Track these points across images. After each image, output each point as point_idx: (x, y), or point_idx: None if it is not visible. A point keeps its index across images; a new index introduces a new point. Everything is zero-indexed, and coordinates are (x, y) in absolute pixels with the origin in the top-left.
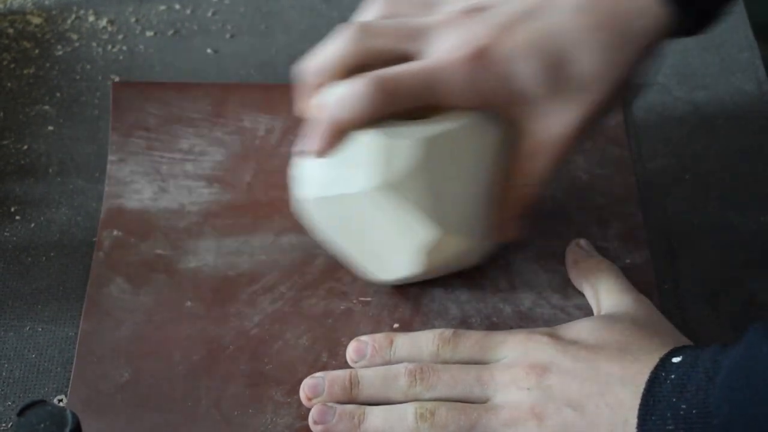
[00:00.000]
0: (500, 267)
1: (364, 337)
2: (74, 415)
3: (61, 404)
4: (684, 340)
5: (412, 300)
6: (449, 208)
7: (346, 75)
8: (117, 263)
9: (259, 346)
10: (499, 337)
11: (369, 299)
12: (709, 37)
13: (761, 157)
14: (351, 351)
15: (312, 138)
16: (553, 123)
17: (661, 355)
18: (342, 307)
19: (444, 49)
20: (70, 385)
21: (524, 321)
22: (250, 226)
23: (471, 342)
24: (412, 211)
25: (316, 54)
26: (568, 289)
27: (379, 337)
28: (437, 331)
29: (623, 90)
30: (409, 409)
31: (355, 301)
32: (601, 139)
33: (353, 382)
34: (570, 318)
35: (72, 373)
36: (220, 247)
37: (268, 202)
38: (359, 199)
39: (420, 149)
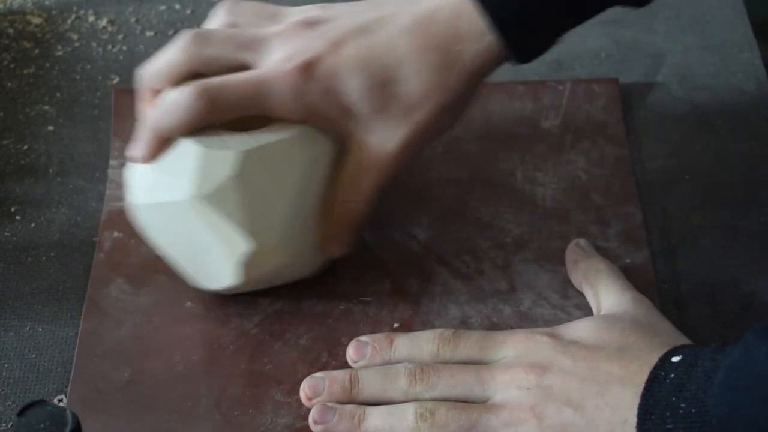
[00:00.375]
0: (500, 267)
1: (364, 337)
2: (74, 415)
3: (61, 404)
4: (683, 340)
5: (412, 300)
6: (269, 221)
7: (181, 82)
8: (117, 264)
9: (259, 346)
10: (499, 337)
11: (369, 299)
12: (709, 37)
13: (761, 157)
14: (351, 351)
15: (137, 143)
16: (378, 141)
17: (661, 355)
18: (342, 307)
19: (274, 60)
20: (70, 385)
21: (524, 321)
22: None
23: (471, 342)
24: (229, 222)
25: (154, 59)
26: (567, 289)
27: (379, 337)
28: (437, 331)
29: (455, 113)
30: (409, 409)
31: (354, 301)
32: (600, 138)
33: (353, 382)
34: (570, 318)
35: (72, 373)
36: None
37: None
38: (179, 207)
39: (236, 161)
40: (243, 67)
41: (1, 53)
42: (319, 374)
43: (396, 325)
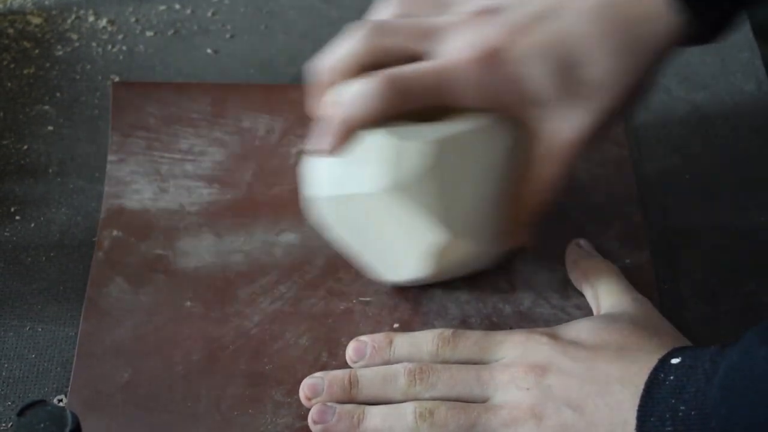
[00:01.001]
0: (500, 267)
1: (363, 337)
2: (74, 415)
3: (61, 404)
4: (683, 341)
5: (412, 300)
6: (459, 211)
7: (359, 74)
8: (117, 263)
9: (258, 346)
10: (498, 336)
11: (369, 299)
12: None
13: (761, 157)
14: (350, 351)
15: (323, 136)
16: (565, 127)
17: (660, 356)
18: (342, 307)
19: (455, 49)
20: (70, 385)
21: (524, 321)
22: (249, 226)
23: (470, 342)
24: (421, 213)
25: (329, 52)
26: (567, 289)
27: (379, 337)
28: (437, 331)
29: (634, 96)
30: (408, 409)
31: (354, 301)
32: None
33: (353, 382)
34: (570, 318)
35: (72, 373)
36: (220, 247)
37: (267, 202)
38: (368, 199)
39: (430, 151)
40: (418, 57)
41: (1, 53)
42: (318, 374)
43: (396, 325)
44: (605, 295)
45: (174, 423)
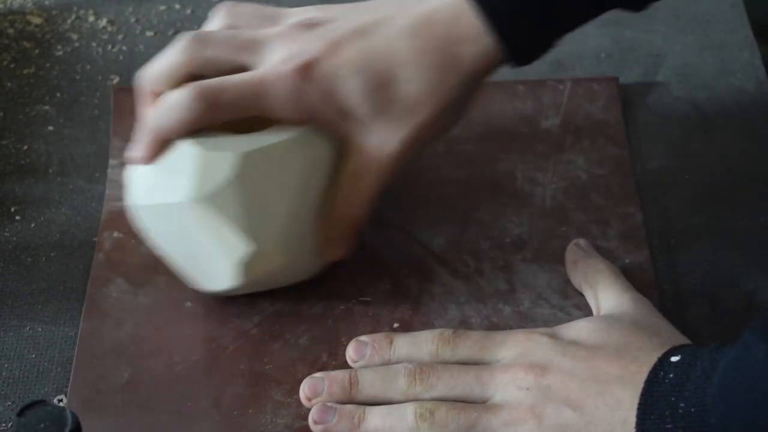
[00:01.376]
0: (500, 267)
1: (363, 337)
2: (74, 415)
3: (61, 404)
4: (683, 340)
5: (412, 300)
6: (268, 223)
7: (181, 84)
8: (117, 264)
9: (258, 346)
10: (498, 337)
11: (368, 299)
12: (709, 37)
13: (761, 157)
14: (351, 351)
15: (137, 144)
16: (378, 142)
17: (660, 355)
18: (342, 307)
19: (273, 61)
20: (69, 386)
21: (524, 321)
22: None
23: (470, 342)
24: (228, 224)
25: (154, 62)
26: (567, 289)
27: (379, 337)
28: (437, 331)
29: (454, 115)
30: (408, 409)
31: (354, 301)
32: (600, 138)
33: (353, 382)
34: (570, 318)
35: (72, 373)
36: None
37: None
38: (179, 209)
39: (236, 163)
40: (242, 68)
41: (1, 53)
42: (318, 374)
43: (396, 325)
44: (605, 295)
45: (174, 423)
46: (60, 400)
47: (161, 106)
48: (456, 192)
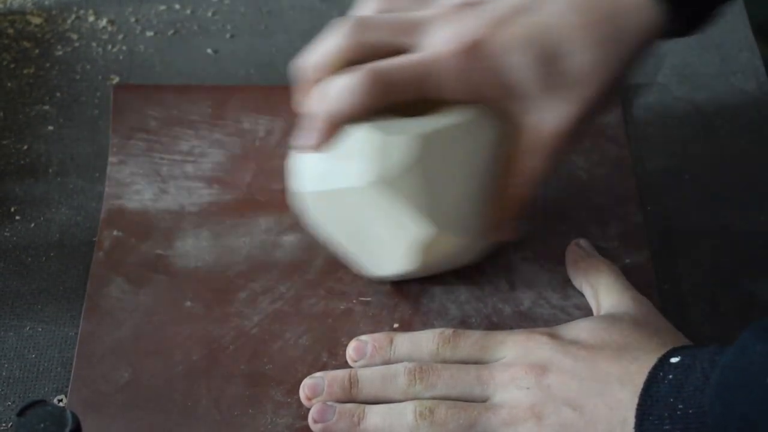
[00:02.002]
0: (500, 267)
1: (364, 337)
2: (74, 415)
3: (61, 404)
4: (683, 340)
5: (412, 300)
6: (444, 205)
7: (343, 70)
8: (117, 263)
9: (258, 346)
10: (498, 336)
11: (369, 299)
12: (709, 37)
13: (761, 158)
14: (351, 350)
15: (308, 132)
16: (547, 119)
17: (660, 355)
18: (342, 307)
19: (438, 42)
20: (69, 385)
21: (524, 321)
22: (249, 227)
23: (471, 341)
24: (407, 208)
25: (313, 50)
26: (567, 289)
27: (379, 337)
28: (437, 331)
29: (618, 88)
30: (408, 408)
31: (354, 301)
32: (600, 138)
33: (353, 382)
34: (570, 318)
35: (72, 373)
36: (220, 248)
37: (267, 202)
38: (354, 194)
39: (415, 146)
40: (402, 51)
41: (1, 53)
42: (318, 374)
43: (396, 325)
44: (605, 294)
45: (174, 423)
46: (60, 400)
47: (332, 91)
48: None
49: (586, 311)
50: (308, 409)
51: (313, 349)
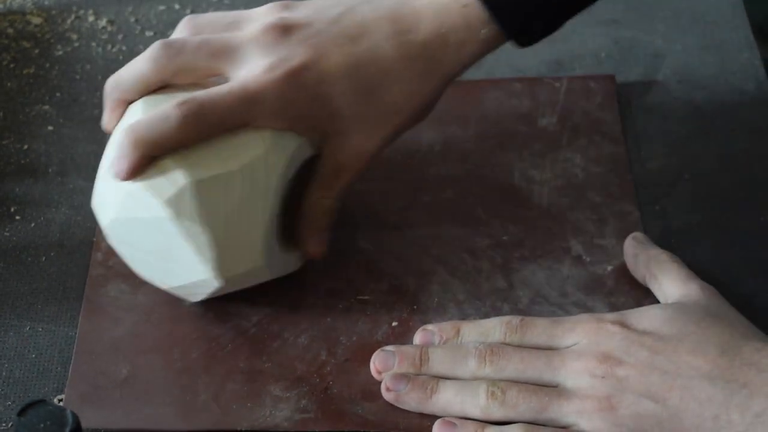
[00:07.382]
0: (498, 265)
1: (430, 326)
2: (74, 415)
3: (61, 404)
4: (754, 329)
5: (411, 299)
6: (243, 232)
7: (151, 91)
8: (115, 264)
9: (257, 344)
10: (567, 324)
11: (367, 298)
12: (709, 37)
13: (761, 157)
14: (417, 340)
15: (120, 160)
16: (359, 142)
17: (749, 348)
18: (340, 306)
19: (257, 68)
20: (67, 381)
21: None
22: None
23: (539, 330)
24: (203, 241)
25: (123, 69)
26: (565, 286)
27: (446, 326)
28: (504, 319)
29: (427, 111)
30: (481, 386)
31: (353, 300)
32: (597, 136)
33: (423, 359)
34: (569, 315)
35: (70, 368)
36: None
37: None
38: (152, 224)
39: (215, 179)
40: (213, 74)
41: (1, 53)
42: (389, 348)
43: (394, 323)
44: (670, 284)
45: (172, 415)
46: (60, 400)
47: (146, 120)
48: (453, 190)
49: (585, 309)
50: (307, 403)
51: (312, 347)
